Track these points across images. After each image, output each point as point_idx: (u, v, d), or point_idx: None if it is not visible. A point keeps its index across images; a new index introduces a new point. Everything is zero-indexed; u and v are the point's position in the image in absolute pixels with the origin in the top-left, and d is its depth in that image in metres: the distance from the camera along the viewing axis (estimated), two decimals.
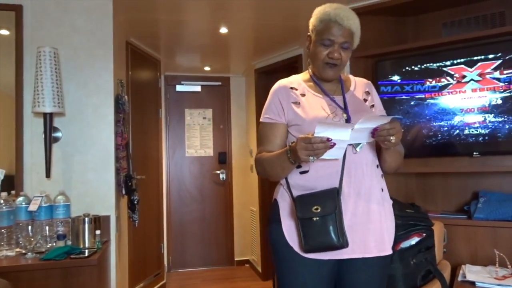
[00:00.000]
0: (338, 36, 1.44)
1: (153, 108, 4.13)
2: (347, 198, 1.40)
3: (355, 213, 1.41)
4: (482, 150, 2.54)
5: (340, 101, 1.51)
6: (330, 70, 1.49)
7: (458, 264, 2.41)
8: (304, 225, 1.37)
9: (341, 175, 1.40)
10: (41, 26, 2.49)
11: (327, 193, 1.38)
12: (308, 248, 1.37)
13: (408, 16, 3.02)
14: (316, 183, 1.42)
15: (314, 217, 1.34)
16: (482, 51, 2.54)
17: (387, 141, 1.31)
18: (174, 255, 4.82)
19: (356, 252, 1.41)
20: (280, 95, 1.54)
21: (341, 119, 1.45)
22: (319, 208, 1.35)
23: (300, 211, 1.38)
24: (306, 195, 1.41)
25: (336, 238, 1.33)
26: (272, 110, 1.54)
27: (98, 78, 2.55)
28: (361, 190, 1.42)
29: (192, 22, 3.25)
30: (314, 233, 1.35)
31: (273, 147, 1.51)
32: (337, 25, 1.44)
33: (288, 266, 1.46)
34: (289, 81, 1.58)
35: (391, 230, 1.50)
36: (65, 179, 2.48)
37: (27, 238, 2.11)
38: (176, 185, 4.90)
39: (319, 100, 1.50)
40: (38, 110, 2.27)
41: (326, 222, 1.34)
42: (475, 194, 2.66)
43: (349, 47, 1.48)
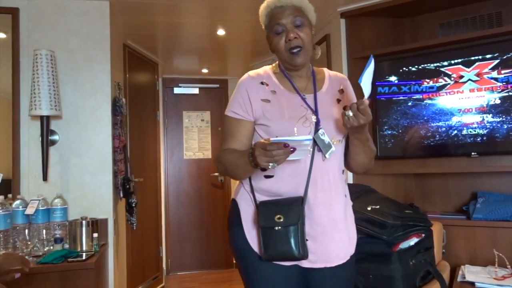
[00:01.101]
0: (284, 17, 1.36)
1: (151, 110, 4.13)
2: (312, 208, 1.34)
3: (320, 224, 1.34)
4: (480, 150, 2.54)
5: (311, 101, 1.40)
6: (297, 56, 1.37)
7: (457, 265, 2.41)
8: (265, 233, 1.30)
9: (306, 183, 1.33)
10: (37, 28, 2.49)
11: (291, 202, 1.31)
12: (267, 257, 1.31)
13: (405, 17, 3.02)
14: (281, 189, 1.35)
15: (276, 227, 1.28)
16: (479, 51, 2.54)
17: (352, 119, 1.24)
18: (172, 258, 4.80)
19: (317, 263, 1.35)
20: (249, 89, 1.41)
21: (311, 124, 1.36)
22: (282, 218, 1.28)
23: (262, 219, 1.31)
24: (269, 202, 1.34)
25: (296, 250, 1.27)
26: (239, 105, 1.42)
27: (95, 81, 2.55)
28: (326, 199, 1.35)
29: (190, 25, 3.25)
30: (275, 243, 1.29)
31: (238, 145, 1.41)
32: (278, 8, 1.37)
33: (255, 272, 1.38)
34: (259, 73, 1.46)
35: (353, 234, 1.47)
36: (62, 182, 2.47)
37: (24, 241, 2.10)
38: (175, 188, 4.89)
39: (290, 99, 1.40)
40: (35, 113, 2.26)
41: (288, 232, 1.28)
42: (474, 195, 2.66)
43: (303, 22, 1.37)
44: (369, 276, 1.95)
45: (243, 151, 1.33)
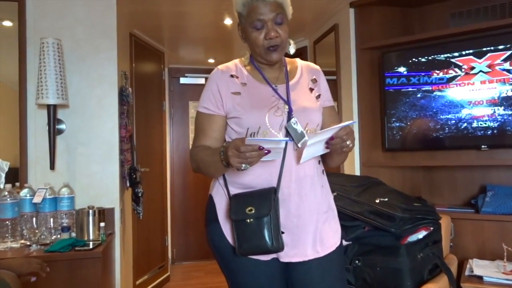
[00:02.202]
0: (266, 12, 1.30)
1: (157, 100, 4.11)
2: (287, 199, 1.31)
3: (296, 215, 1.32)
4: (491, 143, 2.51)
5: (283, 91, 1.38)
6: (274, 52, 1.35)
7: (465, 258, 2.39)
8: (238, 227, 1.27)
9: (279, 174, 1.30)
10: (44, 17, 2.47)
11: (263, 193, 1.28)
12: (242, 251, 1.28)
13: (414, 6, 2.97)
14: (254, 181, 1.32)
15: (248, 219, 1.25)
16: (491, 42, 2.49)
17: (345, 147, 1.23)
18: (178, 248, 4.82)
19: (295, 257, 1.33)
20: (220, 83, 1.38)
21: (283, 113, 1.33)
22: (253, 209, 1.25)
23: (234, 212, 1.28)
24: (241, 195, 1.32)
25: (270, 242, 1.24)
26: (210, 100, 1.38)
27: (101, 70, 2.53)
28: (302, 190, 1.32)
29: (196, 14, 3.21)
30: (249, 236, 1.25)
31: (210, 142, 1.37)
32: (259, 2, 1.30)
33: (235, 268, 1.36)
34: (228, 66, 1.43)
35: (336, 226, 1.42)
36: (69, 171, 2.47)
37: (31, 230, 2.11)
38: (180, 178, 4.89)
39: (261, 90, 1.37)
40: (41, 102, 2.26)
41: (260, 224, 1.24)
42: (483, 188, 2.63)
43: (283, 20, 1.33)
44: (376, 269, 1.94)
45: (215, 149, 1.29)
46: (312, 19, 3.34)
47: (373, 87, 2.94)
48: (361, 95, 2.91)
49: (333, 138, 1.22)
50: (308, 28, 3.58)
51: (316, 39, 3.55)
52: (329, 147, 1.25)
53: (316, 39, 3.55)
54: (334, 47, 3.16)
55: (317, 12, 3.16)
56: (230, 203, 1.32)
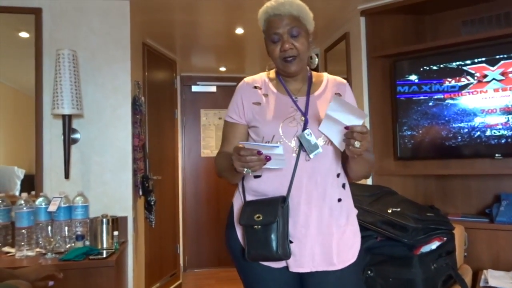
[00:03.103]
0: (281, 26, 1.36)
1: (169, 108, 4.15)
2: (296, 208, 1.32)
3: (305, 225, 1.32)
4: (505, 152, 2.48)
5: (302, 103, 1.41)
6: (290, 64, 1.39)
7: (480, 269, 2.36)
8: (247, 232, 1.32)
9: (290, 183, 1.32)
10: (60, 28, 2.52)
11: (272, 201, 1.32)
12: (250, 257, 1.32)
13: (426, 14, 2.97)
14: (267, 189, 1.36)
15: (255, 225, 1.29)
16: (504, 50, 2.47)
17: (351, 145, 1.19)
18: (189, 255, 4.84)
19: (304, 267, 1.33)
20: (243, 93, 1.46)
21: (298, 124, 1.36)
22: (261, 216, 1.29)
23: (243, 218, 1.33)
24: (252, 202, 1.36)
25: (275, 249, 1.26)
26: (234, 110, 1.47)
27: (115, 80, 2.57)
28: (312, 201, 1.33)
29: (208, 23, 3.25)
30: (256, 242, 1.29)
31: (231, 149, 1.38)
32: (276, 17, 1.37)
33: (249, 272, 1.40)
34: (254, 79, 1.50)
35: (351, 243, 1.39)
36: (83, 180, 2.51)
37: (46, 238, 2.14)
38: (192, 185, 4.92)
39: (280, 101, 1.42)
40: (57, 112, 2.30)
41: (267, 231, 1.28)
42: (497, 197, 2.60)
43: (299, 33, 1.37)
44: (389, 279, 1.93)
45: (229, 154, 1.32)
46: (323, 28, 3.35)
47: (384, 96, 2.93)
48: (373, 103, 2.90)
49: (348, 128, 1.21)
50: (319, 36, 3.59)
51: (327, 47, 3.56)
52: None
53: (327, 47, 3.56)
54: (345, 55, 3.17)
55: (328, 21, 3.17)
56: (242, 209, 1.37)
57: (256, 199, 1.37)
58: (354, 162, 1.35)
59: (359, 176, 1.45)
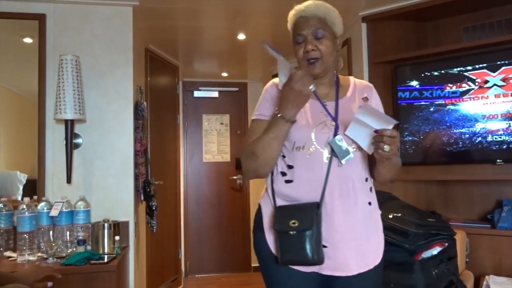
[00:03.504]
0: (306, 28, 1.38)
1: (171, 114, 4.17)
2: (330, 214, 1.33)
3: (339, 230, 1.33)
4: (506, 157, 2.48)
5: (331, 108, 1.41)
6: (313, 66, 1.39)
7: (482, 275, 2.35)
8: (281, 237, 1.32)
9: (323, 190, 1.33)
10: (63, 34, 2.55)
11: (306, 207, 1.32)
12: (284, 261, 1.33)
13: (427, 20, 2.98)
14: (299, 194, 1.36)
15: (290, 231, 1.29)
16: (505, 56, 2.48)
17: (380, 149, 1.21)
18: (191, 261, 4.83)
19: (337, 270, 1.34)
20: (272, 93, 1.45)
21: (330, 130, 1.36)
22: (297, 222, 1.29)
23: (277, 223, 1.33)
24: (286, 207, 1.36)
25: (311, 255, 1.27)
26: (265, 107, 1.45)
27: (118, 85, 2.59)
28: (345, 206, 1.34)
29: (210, 29, 3.27)
30: (291, 247, 1.30)
31: None
32: (301, 19, 1.40)
33: (275, 275, 1.41)
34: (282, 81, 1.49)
35: (378, 243, 1.42)
36: (85, 185, 2.52)
37: (48, 243, 2.15)
38: (194, 191, 4.92)
39: (311, 106, 1.41)
40: (59, 117, 2.32)
41: (302, 237, 1.28)
42: (499, 203, 2.59)
43: (324, 35, 1.38)
44: (390, 285, 1.92)
45: (268, 124, 1.36)
46: None
47: (385, 101, 2.89)
48: None
49: (377, 132, 1.22)
50: None
51: None
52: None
53: None
54: (347, 61, 3.18)
55: None
56: (275, 214, 1.37)
57: (288, 204, 1.37)
58: (382, 166, 1.37)
59: (385, 180, 1.45)
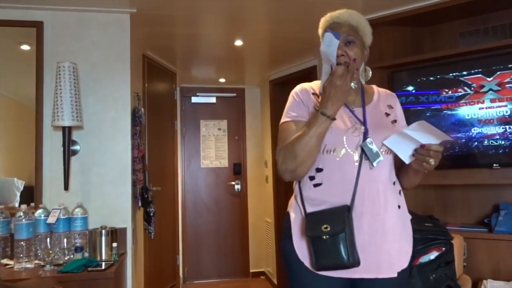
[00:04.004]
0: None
1: (169, 120, 4.18)
2: (359, 217, 1.36)
3: (368, 232, 1.36)
4: (503, 161, 2.49)
5: (359, 114, 1.46)
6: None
7: (479, 279, 2.35)
8: (314, 243, 1.34)
9: (353, 192, 1.35)
10: (60, 41, 2.55)
11: (336, 211, 1.34)
12: (319, 266, 1.34)
13: (424, 26, 3.00)
14: (328, 197, 1.38)
15: (323, 236, 1.31)
16: (501, 61, 2.50)
17: (426, 163, 1.27)
18: (189, 267, 4.82)
19: (368, 272, 1.36)
20: (302, 96, 1.49)
21: (360, 134, 1.40)
22: (329, 227, 1.31)
23: (309, 229, 1.35)
24: (316, 213, 1.38)
25: (346, 258, 1.29)
26: (295, 108, 1.47)
27: (115, 92, 2.60)
28: (374, 208, 1.37)
29: (208, 35, 3.29)
30: (325, 252, 1.32)
31: None
32: (334, 24, 1.45)
33: (300, 282, 1.43)
34: (311, 86, 1.53)
35: (407, 248, 1.44)
36: (83, 192, 2.51)
37: (45, 250, 2.14)
38: (192, 196, 4.92)
39: (340, 111, 1.43)
40: (57, 124, 2.32)
41: (336, 241, 1.30)
42: (496, 207, 2.60)
43: (353, 40, 1.43)
44: None
45: (307, 121, 1.38)
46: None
47: None
48: None
49: (424, 146, 1.26)
50: (317, 47, 3.60)
51: None
52: (414, 155, 1.30)
53: None
54: None
55: None
56: (306, 220, 1.38)
57: (318, 210, 1.38)
58: (416, 176, 1.42)
59: (412, 186, 1.50)
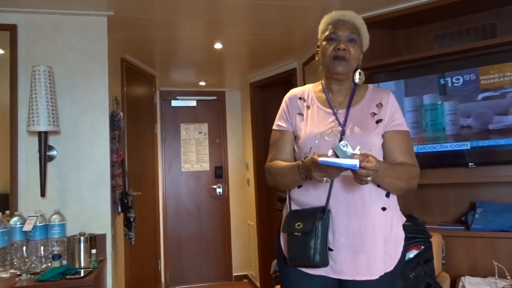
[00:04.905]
0: (342, 29, 1.45)
1: (148, 124, 4.13)
2: (335, 218, 1.38)
3: (345, 234, 1.37)
4: (478, 160, 2.54)
5: (342, 115, 1.47)
6: (339, 64, 1.44)
7: (458, 276, 2.40)
8: (289, 239, 1.40)
9: (328, 195, 1.38)
10: (35, 45, 2.50)
11: (313, 211, 1.39)
12: (291, 262, 1.40)
13: (400, 29, 3.05)
14: (308, 199, 1.43)
15: (295, 232, 1.37)
16: (474, 62, 2.55)
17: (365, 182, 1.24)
18: (171, 272, 4.77)
19: (346, 274, 1.37)
20: (289, 103, 1.57)
21: (335, 136, 1.41)
22: (301, 225, 1.36)
23: (285, 225, 1.42)
24: (297, 211, 1.45)
25: (313, 256, 1.32)
26: (282, 117, 1.57)
27: (93, 96, 2.55)
28: (351, 210, 1.37)
29: (187, 38, 3.27)
30: (296, 249, 1.37)
31: (282, 156, 1.53)
32: (340, 21, 1.47)
33: (287, 277, 1.49)
34: (301, 90, 1.59)
35: (393, 252, 1.42)
36: (60, 198, 2.46)
37: (21, 259, 2.09)
38: (173, 201, 4.87)
39: (322, 114, 1.49)
40: (32, 129, 2.26)
41: (306, 239, 1.34)
42: (472, 205, 2.66)
43: (355, 40, 1.46)
44: None
45: (293, 164, 1.42)
46: (301, 42, 3.41)
47: None
48: None
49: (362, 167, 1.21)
50: (297, 50, 3.65)
51: (305, 61, 3.61)
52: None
53: (305, 61, 3.61)
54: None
55: (306, 36, 3.23)
56: (287, 217, 1.45)
57: (300, 209, 1.45)
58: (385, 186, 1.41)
59: (394, 190, 1.45)
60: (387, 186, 1.41)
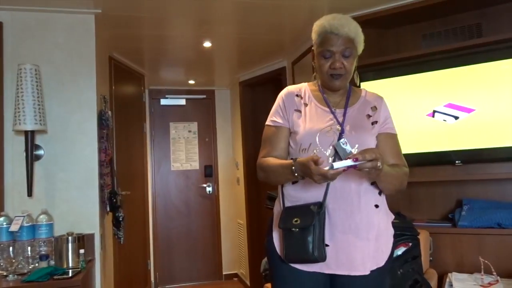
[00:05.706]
0: (336, 45, 1.44)
1: (137, 122, 4.10)
2: (332, 214, 1.40)
3: (341, 230, 1.39)
4: (464, 158, 2.58)
5: (340, 115, 1.50)
6: (336, 80, 1.48)
7: (445, 272, 2.43)
8: (286, 236, 1.40)
9: (325, 190, 1.40)
10: (22, 43, 2.46)
11: (309, 206, 1.40)
12: (287, 258, 1.40)
13: (388, 28, 3.08)
14: (304, 194, 1.44)
15: (293, 228, 1.37)
16: (460, 61, 2.59)
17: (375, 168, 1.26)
18: (161, 271, 4.75)
19: (341, 269, 1.39)
20: (286, 100, 1.56)
21: (334, 134, 1.43)
22: (299, 220, 1.37)
23: (282, 222, 1.41)
24: (291, 207, 1.45)
25: (311, 251, 1.34)
26: (278, 113, 1.56)
27: (80, 95, 2.53)
28: (347, 206, 1.40)
29: (176, 37, 3.25)
30: (294, 245, 1.38)
31: (277, 153, 1.52)
32: (333, 35, 1.45)
33: (280, 275, 1.48)
34: (298, 88, 1.59)
35: (384, 247, 1.45)
36: (47, 198, 2.43)
37: (8, 259, 2.06)
38: (162, 200, 4.85)
39: (320, 112, 1.50)
40: (19, 128, 2.23)
41: (304, 234, 1.35)
42: (459, 202, 2.69)
43: (351, 53, 1.47)
44: None
45: (285, 163, 1.42)
46: (291, 41, 3.42)
47: None
48: None
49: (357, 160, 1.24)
50: (286, 49, 3.65)
51: (294, 60, 3.62)
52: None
53: (294, 60, 3.62)
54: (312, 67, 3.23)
55: (296, 34, 3.23)
56: (282, 214, 1.45)
57: (294, 205, 1.45)
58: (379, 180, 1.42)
59: (390, 190, 1.48)
60: (388, 184, 1.44)
